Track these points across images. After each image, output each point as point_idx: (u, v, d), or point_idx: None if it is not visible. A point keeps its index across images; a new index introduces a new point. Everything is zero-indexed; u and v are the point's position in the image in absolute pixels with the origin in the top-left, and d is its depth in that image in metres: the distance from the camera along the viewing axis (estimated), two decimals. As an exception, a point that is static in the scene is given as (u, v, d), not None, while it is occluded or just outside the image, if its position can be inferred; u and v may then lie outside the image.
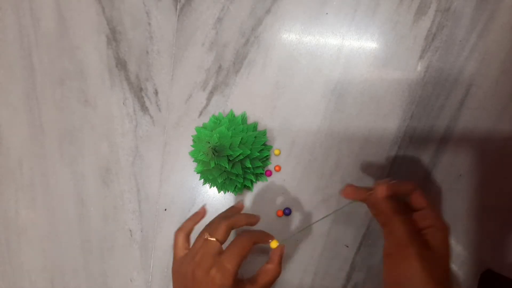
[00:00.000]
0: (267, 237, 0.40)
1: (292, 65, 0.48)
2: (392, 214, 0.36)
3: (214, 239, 0.37)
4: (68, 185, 0.52)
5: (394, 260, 0.35)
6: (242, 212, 0.46)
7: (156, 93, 0.50)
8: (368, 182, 0.48)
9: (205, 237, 0.38)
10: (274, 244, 0.39)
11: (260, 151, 0.46)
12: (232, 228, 0.39)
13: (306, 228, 0.49)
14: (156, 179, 0.51)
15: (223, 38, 0.49)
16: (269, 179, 0.49)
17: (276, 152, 0.48)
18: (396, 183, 0.37)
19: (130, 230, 0.51)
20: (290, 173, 0.49)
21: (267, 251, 0.49)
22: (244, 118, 0.48)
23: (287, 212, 0.49)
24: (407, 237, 0.34)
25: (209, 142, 0.43)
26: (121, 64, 0.50)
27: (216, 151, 0.42)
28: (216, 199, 0.50)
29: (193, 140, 0.49)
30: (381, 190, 0.36)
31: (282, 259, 0.39)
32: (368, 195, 0.37)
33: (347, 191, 0.38)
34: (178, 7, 0.49)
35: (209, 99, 0.49)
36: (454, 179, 0.47)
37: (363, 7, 0.47)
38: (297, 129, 0.48)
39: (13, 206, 0.53)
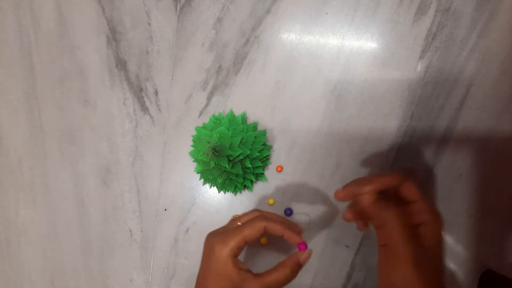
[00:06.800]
0: (280, 230, 0.36)
1: (292, 65, 0.48)
2: (381, 213, 0.35)
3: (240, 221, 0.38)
4: (68, 185, 0.52)
5: (387, 254, 0.34)
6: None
7: (156, 93, 0.50)
8: (368, 182, 0.48)
9: (233, 217, 0.40)
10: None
11: (260, 151, 0.46)
12: (260, 218, 0.37)
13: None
14: (156, 179, 0.51)
15: (223, 38, 0.49)
16: (269, 179, 0.49)
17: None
18: (382, 180, 0.36)
19: (130, 230, 0.51)
20: (290, 173, 0.49)
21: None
22: (244, 118, 0.48)
23: (288, 212, 0.49)
24: (399, 235, 0.33)
25: (209, 142, 0.43)
26: (121, 64, 0.50)
27: (216, 151, 0.42)
28: (216, 199, 0.50)
29: (193, 140, 0.49)
30: (364, 200, 0.35)
31: (297, 266, 0.36)
32: (354, 203, 0.37)
33: (339, 196, 0.37)
34: (178, 7, 0.49)
35: (209, 99, 0.49)
36: (454, 179, 0.47)
37: (363, 7, 0.47)
38: (297, 129, 0.48)
39: (13, 206, 0.53)
